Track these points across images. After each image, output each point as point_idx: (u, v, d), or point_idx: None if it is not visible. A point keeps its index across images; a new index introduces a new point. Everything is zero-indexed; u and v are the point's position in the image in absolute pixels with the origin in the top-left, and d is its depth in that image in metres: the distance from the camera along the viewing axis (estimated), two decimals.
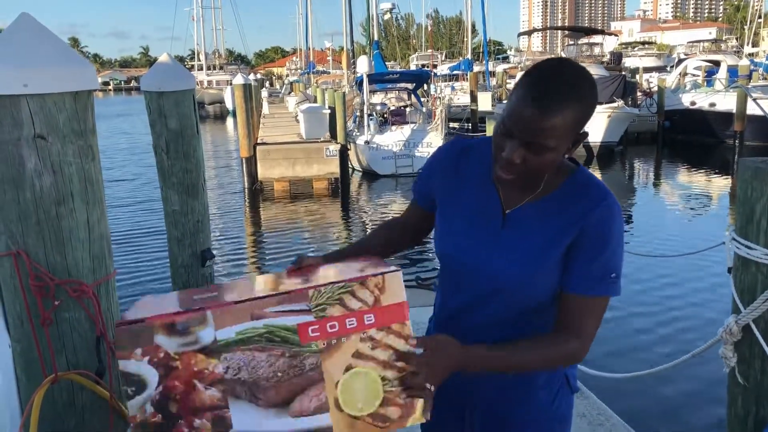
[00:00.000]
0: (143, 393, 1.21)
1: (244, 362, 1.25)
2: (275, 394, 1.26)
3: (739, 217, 2.45)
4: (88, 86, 2.06)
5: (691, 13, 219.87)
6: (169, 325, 1.22)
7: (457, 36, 78.20)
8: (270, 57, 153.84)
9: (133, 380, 1.21)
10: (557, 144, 1.33)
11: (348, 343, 1.28)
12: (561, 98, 1.29)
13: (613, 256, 1.42)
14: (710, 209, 13.82)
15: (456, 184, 1.56)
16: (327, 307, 1.27)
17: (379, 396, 1.31)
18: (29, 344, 2.08)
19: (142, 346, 1.21)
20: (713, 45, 46.52)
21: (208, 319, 1.23)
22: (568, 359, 1.48)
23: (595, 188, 1.45)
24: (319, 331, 1.27)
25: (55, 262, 2.04)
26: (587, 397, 3.66)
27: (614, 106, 19.99)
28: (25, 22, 2.02)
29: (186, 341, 1.22)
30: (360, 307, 1.29)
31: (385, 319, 1.30)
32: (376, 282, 1.30)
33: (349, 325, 1.28)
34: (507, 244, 1.46)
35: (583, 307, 1.44)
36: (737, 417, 2.54)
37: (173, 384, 1.23)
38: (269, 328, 1.25)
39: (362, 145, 17.83)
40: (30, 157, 1.95)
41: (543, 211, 1.46)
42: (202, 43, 66.77)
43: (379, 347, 1.30)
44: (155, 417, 1.23)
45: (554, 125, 1.30)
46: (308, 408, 1.27)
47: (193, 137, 4.15)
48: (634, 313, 7.23)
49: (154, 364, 1.22)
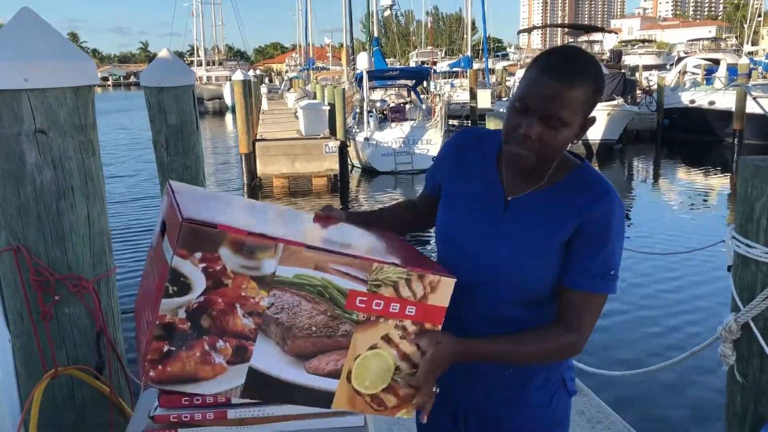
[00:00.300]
0: (183, 296, 1.19)
1: (289, 305, 1.26)
2: (302, 345, 1.29)
3: (739, 215, 2.45)
4: (88, 81, 2.06)
5: (691, 12, 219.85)
6: (240, 242, 1.20)
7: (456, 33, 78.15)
8: (269, 53, 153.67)
9: (179, 281, 1.19)
10: (572, 120, 1.36)
11: (383, 324, 1.33)
12: (580, 73, 1.35)
13: (613, 253, 1.43)
14: (709, 207, 13.83)
15: (461, 172, 1.59)
16: (381, 286, 1.31)
17: (386, 382, 1.37)
18: (29, 339, 2.08)
19: (203, 251, 1.18)
20: (713, 43, 46.59)
21: (278, 251, 1.22)
22: (564, 353, 1.50)
23: (598, 183, 1.46)
24: (365, 304, 1.30)
25: (56, 258, 2.04)
26: (586, 394, 3.67)
27: (614, 104, 19.97)
28: (26, 16, 2.02)
29: (247, 264, 1.21)
30: (408, 297, 1.33)
31: (423, 316, 1.36)
32: (432, 281, 1.35)
33: (392, 309, 1.33)
34: (507, 231, 1.48)
35: (583, 304, 1.45)
36: (736, 415, 2.54)
37: (215, 299, 1.21)
38: (325, 282, 1.27)
39: (362, 142, 17.81)
40: (30, 152, 1.96)
41: (545, 202, 1.47)
42: (201, 39, 66.78)
43: (407, 339, 1.35)
44: (183, 324, 1.21)
45: (573, 98, 1.34)
46: (323, 369, 1.32)
47: (193, 133, 4.15)
48: (634, 310, 7.23)
49: (207, 273, 1.19)
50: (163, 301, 1.19)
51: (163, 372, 1.23)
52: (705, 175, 17.58)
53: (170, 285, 1.18)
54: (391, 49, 69.12)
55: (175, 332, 1.21)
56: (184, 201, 1.28)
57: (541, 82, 1.35)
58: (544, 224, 1.45)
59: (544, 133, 1.36)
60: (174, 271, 1.18)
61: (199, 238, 1.17)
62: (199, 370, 1.24)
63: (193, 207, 1.26)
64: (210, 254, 1.18)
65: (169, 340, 1.21)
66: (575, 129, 1.39)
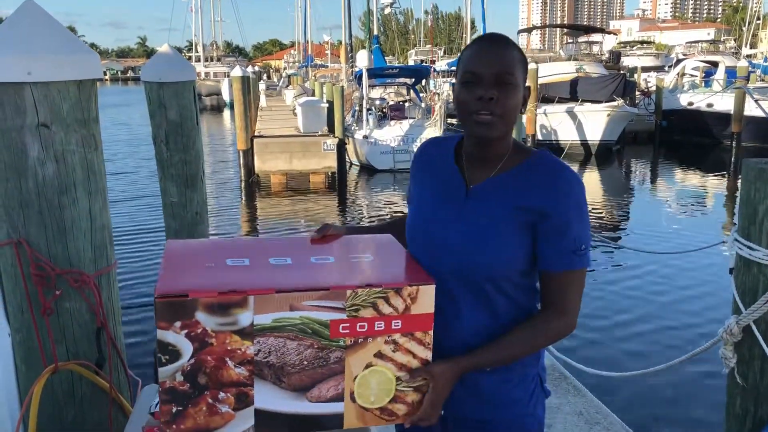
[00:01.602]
0: (176, 362, 1.28)
1: (275, 347, 1.32)
2: (298, 380, 1.35)
3: (742, 218, 2.44)
4: (92, 75, 2.05)
5: (690, 14, 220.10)
6: (212, 304, 1.27)
7: (455, 32, 78.07)
8: (268, 50, 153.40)
9: (168, 349, 1.27)
10: (518, 80, 1.48)
11: (373, 343, 1.37)
12: (507, 40, 1.51)
13: (580, 229, 1.48)
14: (707, 209, 13.85)
15: (424, 175, 1.67)
16: (360, 309, 1.35)
17: (391, 393, 1.40)
18: (29, 334, 2.07)
19: (182, 320, 1.26)
20: (711, 46, 46.59)
21: (249, 303, 1.29)
22: (560, 335, 1.54)
23: (555, 165, 1.52)
24: (349, 329, 1.35)
25: (57, 252, 2.03)
26: (584, 395, 3.67)
27: (614, 105, 19.97)
28: (29, 9, 2.00)
29: (224, 321, 1.28)
30: (390, 313, 1.37)
31: (411, 327, 1.39)
32: (410, 292, 1.38)
33: (377, 327, 1.36)
34: (469, 216, 1.53)
35: (563, 283, 1.51)
36: (736, 417, 2.54)
37: (205, 358, 1.29)
38: (304, 319, 1.32)
39: (360, 140, 17.80)
40: (33, 146, 1.94)
41: (504, 185, 1.53)
42: (200, 35, 66.58)
43: (400, 351, 1.39)
44: (183, 385, 1.29)
45: (512, 56, 1.48)
46: (325, 395, 1.37)
47: (193, 129, 4.13)
48: (634, 312, 7.24)
49: (191, 337, 1.28)
50: (160, 370, 1.28)
51: (179, 430, 1.31)
52: (702, 177, 17.61)
53: (161, 355, 1.27)
54: (390, 48, 69.04)
55: (178, 394, 1.30)
56: (170, 266, 1.38)
57: (482, 52, 1.48)
58: (504, 206, 1.50)
59: (500, 93, 1.46)
60: (160, 342, 1.27)
61: (174, 309, 1.26)
62: (209, 422, 1.32)
63: (172, 275, 1.35)
64: (188, 320, 1.27)
65: (174, 401, 1.30)
66: (521, 94, 1.50)
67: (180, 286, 1.29)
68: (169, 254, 1.46)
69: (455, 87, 1.53)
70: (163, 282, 1.30)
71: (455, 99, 1.52)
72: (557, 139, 20.82)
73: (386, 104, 20.33)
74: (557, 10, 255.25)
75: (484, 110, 1.46)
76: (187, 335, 1.27)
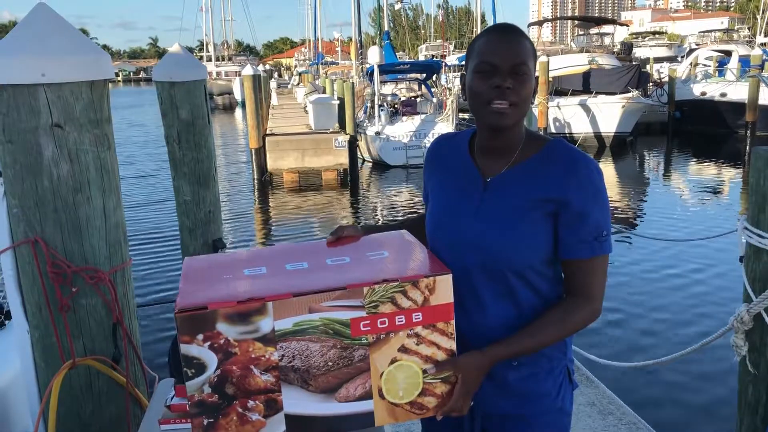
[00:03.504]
0: (202, 375, 1.29)
1: (299, 351, 1.33)
2: (325, 381, 1.35)
3: (752, 206, 2.44)
4: (104, 75, 2.09)
5: (703, 3, 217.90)
6: (231, 314, 1.28)
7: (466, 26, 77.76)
8: (278, 48, 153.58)
9: (193, 363, 1.29)
10: (532, 68, 1.49)
11: (395, 338, 1.37)
12: (517, 30, 1.52)
13: (600, 215, 1.49)
14: (722, 199, 13.76)
15: (440, 170, 1.68)
16: (379, 305, 1.35)
17: (419, 387, 1.41)
18: (47, 330, 2.11)
19: (203, 332, 1.28)
20: (725, 35, 46.09)
21: (268, 310, 1.30)
22: (585, 323, 1.54)
23: (572, 153, 1.52)
24: (370, 326, 1.35)
25: (73, 250, 2.07)
26: (597, 386, 3.67)
27: (629, 97, 19.84)
28: (42, 12, 2.04)
29: (246, 330, 1.29)
30: (410, 306, 1.37)
31: (431, 318, 1.39)
32: (427, 283, 1.38)
33: (398, 322, 1.37)
34: (489, 208, 1.54)
35: (586, 270, 1.51)
36: (748, 405, 2.55)
37: (231, 368, 1.30)
38: (324, 320, 1.33)
39: (373, 136, 17.81)
40: (47, 146, 1.98)
41: (521, 175, 1.54)
42: (210, 34, 66.80)
43: (423, 343, 1.39)
44: (212, 397, 1.31)
45: (525, 46, 1.49)
46: (353, 395, 1.37)
47: (205, 127, 4.17)
48: (645, 302, 7.23)
49: (214, 349, 1.29)
50: (187, 384, 1.29)
51: None
52: (717, 167, 17.47)
53: (187, 369, 1.29)
54: (401, 43, 68.91)
55: (208, 406, 1.31)
56: (188, 281, 1.39)
57: (496, 42, 1.49)
58: (523, 197, 1.51)
59: (516, 82, 1.47)
60: (185, 356, 1.28)
61: (195, 322, 1.27)
62: (241, 431, 1.33)
63: (191, 289, 1.36)
64: (210, 332, 1.28)
65: (205, 414, 1.31)
66: (533, 83, 1.51)
67: (199, 299, 1.30)
68: (187, 270, 1.47)
69: (467, 77, 1.54)
70: (182, 297, 1.32)
71: (468, 88, 1.53)
72: (570, 132, 20.73)
73: (398, 100, 20.34)
74: (568, 2, 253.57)
75: (500, 99, 1.47)
76: (210, 347, 1.28)
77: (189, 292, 1.34)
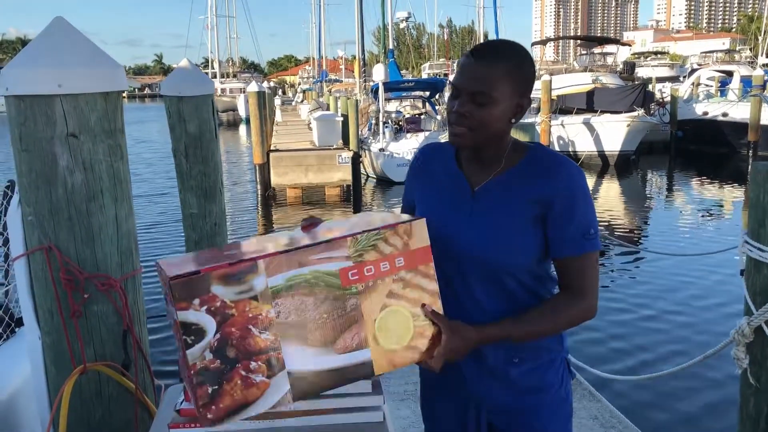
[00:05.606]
0: (202, 340, 1.30)
1: (294, 306, 1.36)
2: (322, 335, 1.39)
3: (752, 220, 2.48)
4: (118, 87, 2.14)
5: (705, 24, 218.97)
6: (225, 275, 1.31)
7: (469, 45, 78.27)
8: (283, 65, 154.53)
9: (192, 329, 1.29)
10: (497, 95, 1.50)
11: (383, 284, 1.43)
12: (496, 53, 1.52)
13: (586, 214, 1.54)
14: (724, 217, 13.78)
15: (428, 179, 1.73)
16: (363, 253, 1.41)
17: (411, 331, 1.46)
18: (59, 336, 2.14)
19: (199, 296, 1.29)
20: (727, 55, 46.34)
21: (260, 267, 1.33)
22: (580, 319, 1.59)
23: (553, 157, 1.58)
24: (358, 275, 1.41)
25: (85, 257, 2.11)
26: (599, 400, 3.69)
27: (634, 116, 19.94)
28: (59, 25, 2.10)
29: (241, 289, 1.32)
30: (391, 251, 1.43)
31: (413, 262, 1.46)
32: (405, 229, 1.45)
33: (383, 268, 1.43)
34: (478, 217, 1.59)
35: (577, 267, 1.56)
36: (749, 418, 2.56)
37: (230, 330, 1.32)
38: (315, 273, 1.37)
39: (377, 152, 17.91)
40: (62, 155, 2.03)
41: (508, 183, 1.59)
42: (215, 52, 67.25)
43: (409, 287, 1.45)
44: (214, 363, 1.31)
45: (492, 74, 1.49)
46: (351, 345, 1.41)
47: (212, 141, 4.22)
48: (646, 314, 7.25)
49: (211, 312, 1.30)
50: (188, 352, 1.30)
51: (218, 410, 1.33)
52: (719, 186, 17.50)
53: (186, 337, 1.29)
54: (404, 62, 69.34)
55: (210, 372, 1.31)
56: (170, 267, 1.39)
57: (465, 66, 1.52)
58: (510, 204, 1.56)
59: (473, 109, 1.51)
60: (183, 324, 1.29)
61: (190, 287, 1.28)
62: (247, 395, 1.34)
63: (176, 268, 1.37)
64: (206, 296, 1.30)
65: (209, 381, 1.31)
66: (506, 106, 1.52)
67: (189, 269, 1.32)
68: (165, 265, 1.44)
69: None
70: (169, 270, 1.32)
71: None
72: (575, 150, 20.80)
73: (402, 117, 20.45)
74: (570, 21, 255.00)
75: (457, 123, 1.54)
76: (207, 311, 1.29)
77: (176, 267, 1.35)
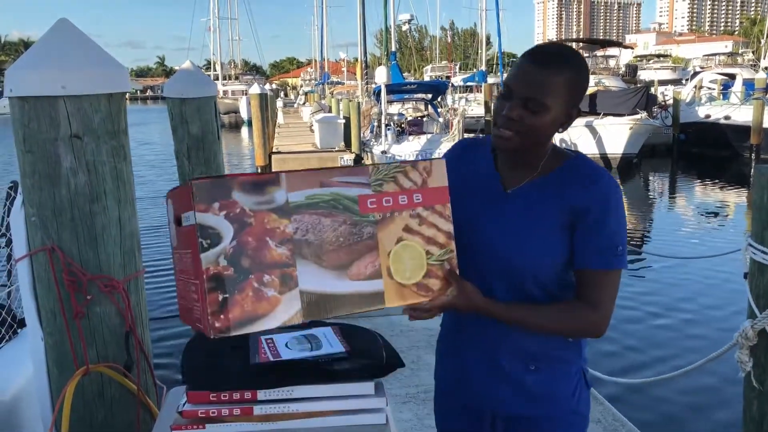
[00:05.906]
0: (218, 246, 1.27)
1: (312, 225, 1.35)
2: (336, 258, 1.37)
3: (755, 223, 2.48)
4: (121, 88, 2.14)
5: (707, 27, 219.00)
6: (247, 182, 1.30)
7: (471, 48, 78.29)
8: (285, 67, 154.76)
9: (209, 233, 1.27)
10: (552, 104, 1.47)
11: (400, 217, 1.43)
12: (558, 59, 1.48)
13: (617, 231, 1.51)
14: (727, 220, 13.77)
15: (461, 177, 1.67)
16: (383, 183, 1.42)
17: (424, 268, 1.46)
18: (62, 337, 2.14)
19: (219, 200, 1.27)
20: (729, 58, 46.32)
21: (282, 180, 1.33)
22: (586, 330, 1.56)
23: (592, 168, 1.56)
24: (376, 204, 1.41)
25: (88, 258, 2.11)
26: (602, 403, 3.68)
27: (637, 118, 19.94)
28: (63, 27, 2.10)
29: (261, 200, 1.31)
30: (411, 186, 1.45)
31: (430, 200, 1.46)
32: (425, 166, 1.47)
33: (401, 201, 1.43)
34: (510, 221, 1.57)
35: (598, 282, 1.53)
36: (752, 420, 2.56)
37: (247, 239, 1.29)
38: (335, 195, 1.37)
39: (379, 155, 17.92)
40: (66, 156, 2.03)
41: (542, 189, 1.56)
42: (218, 54, 67.36)
43: (425, 224, 1.46)
44: (227, 270, 1.28)
45: (550, 81, 1.46)
46: (364, 273, 1.40)
47: (214, 143, 4.23)
48: (650, 317, 7.25)
49: (230, 218, 1.28)
50: (202, 256, 1.26)
51: (226, 319, 1.29)
52: (722, 189, 17.49)
53: (203, 240, 1.26)
54: (406, 64, 69.40)
55: (224, 279, 1.28)
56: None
57: (522, 68, 1.49)
58: (543, 211, 1.54)
59: (524, 115, 1.48)
60: (201, 226, 1.26)
61: (212, 190, 1.27)
62: (257, 308, 1.31)
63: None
64: (226, 201, 1.28)
65: (221, 288, 1.27)
66: (557, 115, 1.49)
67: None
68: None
69: None
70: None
71: None
72: None
73: (404, 119, 20.47)
74: (573, 24, 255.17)
75: (505, 126, 1.51)
76: (226, 216, 1.27)
77: None
